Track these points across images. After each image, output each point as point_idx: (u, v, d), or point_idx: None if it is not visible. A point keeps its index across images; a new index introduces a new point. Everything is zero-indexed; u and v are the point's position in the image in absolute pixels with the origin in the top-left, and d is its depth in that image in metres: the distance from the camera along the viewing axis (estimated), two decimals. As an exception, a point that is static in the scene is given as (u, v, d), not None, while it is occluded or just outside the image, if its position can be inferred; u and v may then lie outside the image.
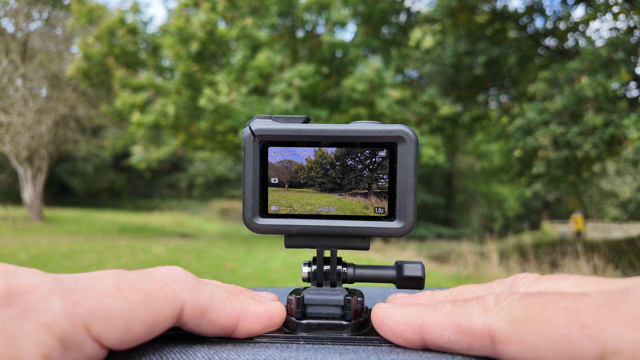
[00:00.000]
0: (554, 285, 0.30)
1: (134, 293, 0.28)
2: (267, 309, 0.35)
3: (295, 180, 0.39)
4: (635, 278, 0.27)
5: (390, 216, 0.38)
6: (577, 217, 14.11)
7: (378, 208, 0.38)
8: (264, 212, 0.39)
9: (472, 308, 0.28)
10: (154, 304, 0.28)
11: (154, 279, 0.30)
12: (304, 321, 0.35)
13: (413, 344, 0.31)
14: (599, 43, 8.58)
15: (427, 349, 0.31)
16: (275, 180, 0.39)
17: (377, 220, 0.38)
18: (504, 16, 10.04)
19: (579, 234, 13.65)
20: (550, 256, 6.61)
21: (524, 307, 0.25)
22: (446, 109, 11.40)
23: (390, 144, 0.37)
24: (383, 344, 0.33)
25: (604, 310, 0.22)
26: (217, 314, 0.32)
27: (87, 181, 24.53)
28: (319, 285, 0.40)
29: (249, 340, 0.33)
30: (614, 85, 7.47)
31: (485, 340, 0.26)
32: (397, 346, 0.32)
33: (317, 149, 0.38)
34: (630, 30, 7.74)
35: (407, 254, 8.76)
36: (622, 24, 8.07)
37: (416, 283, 0.40)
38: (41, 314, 0.24)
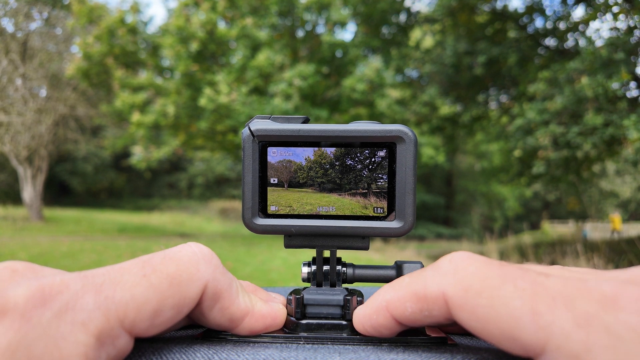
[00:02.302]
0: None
1: (161, 279, 0.28)
2: (272, 309, 0.35)
3: (295, 181, 0.39)
4: (596, 272, 0.26)
5: (390, 216, 0.38)
6: (615, 217, 14.13)
7: (377, 208, 0.38)
8: (264, 212, 0.39)
9: (427, 274, 0.28)
10: (180, 287, 0.28)
11: (178, 261, 0.29)
12: (304, 321, 0.35)
13: (392, 328, 0.31)
14: (599, 43, 8.58)
15: (408, 329, 0.32)
16: (274, 181, 0.39)
17: (377, 220, 0.38)
18: (504, 16, 10.04)
19: (615, 233, 13.68)
20: (550, 256, 6.61)
21: (481, 278, 0.24)
22: (446, 109, 11.41)
23: (390, 144, 0.37)
24: (383, 344, 0.33)
25: (559, 302, 0.21)
26: (230, 303, 0.32)
27: (87, 181, 24.53)
28: (319, 285, 0.40)
29: (249, 340, 0.33)
30: (614, 85, 7.47)
31: (442, 305, 0.26)
32: (397, 346, 0.32)
33: (316, 149, 0.38)
34: (630, 30, 7.74)
35: (407, 253, 8.76)
36: (622, 24, 8.08)
37: None
38: (76, 312, 0.24)
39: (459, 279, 0.25)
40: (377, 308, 0.31)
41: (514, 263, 0.25)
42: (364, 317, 0.32)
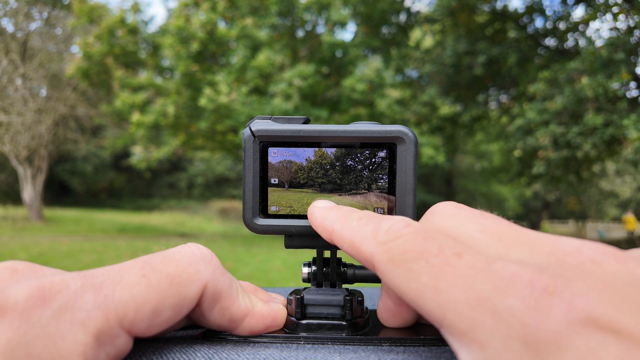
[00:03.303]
0: (463, 225, 0.29)
1: (160, 279, 0.28)
2: (272, 310, 0.35)
3: (295, 181, 0.39)
4: (537, 238, 0.26)
5: (390, 216, 0.38)
6: (629, 218, 13.98)
7: (378, 208, 0.38)
8: (264, 213, 0.39)
9: (367, 231, 0.29)
10: (180, 287, 0.28)
11: (178, 261, 0.30)
12: (304, 321, 0.35)
13: (330, 243, 0.33)
14: (599, 43, 8.59)
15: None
16: (275, 181, 0.39)
17: None
18: (504, 16, 10.04)
19: (629, 233, 13.55)
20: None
21: (404, 249, 0.26)
22: (446, 109, 11.41)
23: (390, 145, 0.37)
24: (383, 344, 0.33)
25: (459, 282, 0.22)
26: (230, 303, 0.32)
27: (87, 181, 24.54)
28: (319, 285, 0.40)
29: (249, 340, 0.34)
30: (614, 85, 7.47)
31: (369, 263, 0.28)
32: (397, 346, 0.32)
33: (316, 149, 0.38)
34: (630, 30, 7.75)
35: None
36: (622, 24, 8.08)
37: None
38: (75, 312, 0.24)
39: (387, 248, 0.27)
40: (324, 227, 0.33)
41: (443, 237, 0.26)
42: (313, 218, 0.35)
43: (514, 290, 0.20)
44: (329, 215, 0.33)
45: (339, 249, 0.32)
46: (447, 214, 0.31)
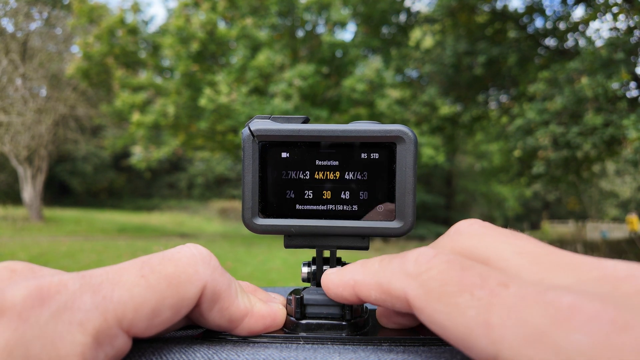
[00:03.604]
0: (495, 246, 0.28)
1: (159, 279, 0.28)
2: (271, 310, 0.35)
3: (295, 180, 0.39)
4: (579, 261, 0.25)
5: (390, 216, 0.38)
6: (632, 218, 13.88)
7: (379, 206, 0.38)
8: (264, 213, 0.39)
9: (393, 268, 0.28)
10: (179, 288, 0.28)
11: (177, 262, 0.29)
12: (304, 321, 0.35)
13: (354, 302, 0.32)
14: (599, 43, 8.58)
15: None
16: (274, 181, 0.39)
17: (377, 220, 0.38)
18: (504, 16, 10.04)
19: (633, 233, 13.44)
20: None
21: (442, 282, 0.24)
22: (446, 109, 11.41)
23: (390, 144, 0.37)
24: (383, 344, 0.33)
25: (513, 315, 0.21)
26: (229, 304, 0.32)
27: (86, 181, 24.53)
28: (319, 285, 0.40)
29: (248, 340, 0.34)
30: (614, 85, 7.47)
31: (404, 302, 0.27)
32: (396, 346, 0.32)
33: (316, 148, 0.38)
34: (630, 30, 7.75)
35: (407, 254, 8.74)
36: (622, 24, 8.08)
37: None
38: (74, 312, 0.24)
39: (421, 282, 0.25)
40: (345, 283, 0.32)
41: (479, 265, 0.25)
42: (331, 284, 0.33)
43: (577, 324, 0.19)
44: (345, 272, 0.32)
45: (369, 302, 0.30)
46: (474, 234, 0.30)
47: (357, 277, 0.31)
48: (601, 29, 12.06)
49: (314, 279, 0.40)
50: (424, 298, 0.25)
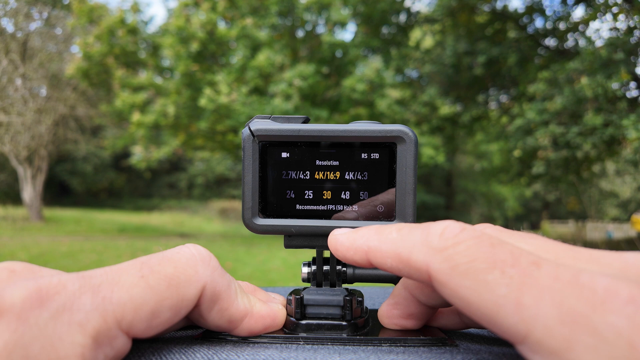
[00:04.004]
0: (514, 243, 0.27)
1: (159, 280, 0.28)
2: (271, 310, 0.35)
3: (295, 180, 0.39)
4: (598, 255, 0.25)
5: (390, 216, 0.38)
6: (637, 218, 13.78)
7: (379, 206, 0.38)
8: (264, 213, 0.39)
9: (415, 239, 0.27)
10: (178, 289, 0.28)
11: (176, 262, 0.29)
12: (304, 321, 0.35)
13: (364, 266, 0.31)
14: (598, 43, 8.58)
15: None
16: (274, 181, 0.39)
17: (377, 220, 0.38)
18: (504, 16, 10.04)
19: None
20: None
21: (471, 257, 0.24)
22: (446, 109, 11.40)
23: (390, 144, 0.37)
24: (383, 344, 0.33)
25: (546, 296, 0.21)
26: (229, 304, 0.32)
27: (86, 181, 24.53)
28: (319, 285, 0.40)
29: (248, 340, 0.33)
30: (614, 85, 7.47)
31: (423, 274, 0.26)
32: (396, 346, 0.32)
33: (316, 148, 0.38)
34: (630, 30, 7.74)
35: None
36: (621, 24, 8.08)
37: None
38: (73, 313, 0.24)
39: (447, 256, 0.25)
40: (357, 248, 0.31)
41: (509, 243, 0.25)
42: (342, 247, 0.32)
43: (615, 307, 0.19)
44: (358, 235, 0.31)
45: (380, 269, 0.30)
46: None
47: (371, 243, 0.30)
48: (601, 29, 12.08)
49: (314, 279, 0.40)
50: (449, 272, 0.24)
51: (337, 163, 0.38)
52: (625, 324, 0.18)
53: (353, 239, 0.31)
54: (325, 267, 0.40)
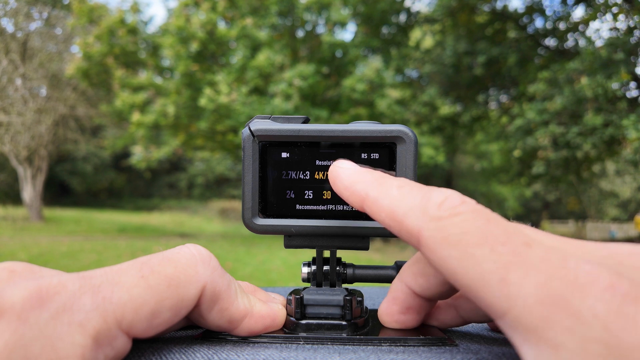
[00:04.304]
0: None
1: (159, 280, 0.28)
2: (271, 310, 0.35)
3: (295, 180, 0.39)
4: (588, 245, 0.26)
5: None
6: None
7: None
8: (264, 213, 0.39)
9: (413, 202, 0.27)
10: (178, 289, 0.28)
11: (176, 262, 0.29)
12: (304, 321, 0.35)
13: (358, 209, 0.31)
14: (598, 43, 8.59)
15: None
16: (274, 181, 0.39)
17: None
18: (504, 16, 10.05)
19: None
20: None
21: (463, 229, 0.24)
22: (446, 109, 11.41)
23: (390, 144, 0.37)
24: (383, 344, 0.33)
25: (531, 276, 0.21)
26: (229, 304, 0.32)
27: (86, 181, 24.54)
28: (319, 285, 0.40)
29: (248, 340, 0.33)
30: (614, 85, 7.47)
31: (413, 238, 0.26)
32: (396, 346, 0.32)
33: (316, 149, 0.38)
34: (630, 30, 7.75)
35: (407, 253, 8.77)
36: (621, 24, 8.08)
37: None
38: (73, 313, 0.24)
39: (440, 226, 0.25)
40: (355, 192, 0.30)
41: (505, 221, 0.25)
42: (340, 184, 0.32)
43: (594, 292, 0.20)
44: (360, 178, 0.31)
45: (373, 218, 0.30)
46: None
47: (370, 192, 0.29)
48: (601, 29, 12.08)
49: (314, 279, 0.40)
50: (439, 241, 0.24)
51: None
52: (602, 308, 0.19)
53: (354, 181, 0.31)
54: (325, 267, 0.40)
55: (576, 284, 0.20)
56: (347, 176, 0.31)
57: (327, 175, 0.38)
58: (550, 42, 10.35)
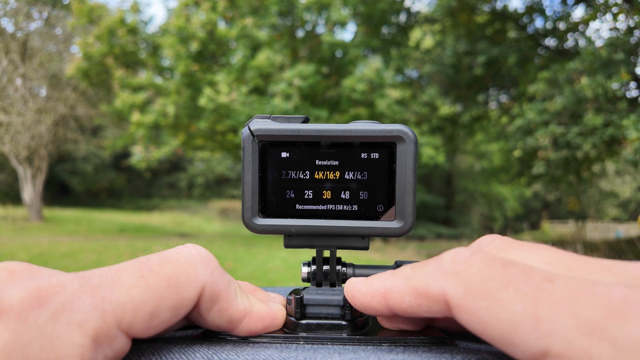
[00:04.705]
0: (523, 257, 0.28)
1: (158, 280, 0.28)
2: (271, 310, 0.35)
3: (295, 180, 0.39)
4: (611, 265, 0.25)
5: (390, 216, 0.38)
6: None
7: (379, 206, 0.38)
8: (263, 212, 0.39)
9: (428, 270, 0.27)
10: (178, 289, 0.28)
11: (176, 262, 0.29)
12: (304, 321, 0.35)
13: (383, 313, 0.31)
14: (598, 43, 8.58)
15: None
16: (274, 181, 0.39)
17: (377, 220, 0.38)
18: (504, 16, 10.04)
19: None
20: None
21: (484, 278, 0.24)
22: (446, 109, 11.40)
23: (390, 144, 0.37)
24: (383, 344, 0.33)
25: (562, 308, 0.20)
26: (228, 305, 0.32)
27: (86, 181, 24.53)
28: (319, 285, 0.40)
29: (248, 340, 0.33)
30: (614, 85, 7.47)
31: (442, 304, 0.26)
32: (396, 346, 0.32)
33: (316, 148, 0.38)
34: (630, 30, 7.74)
35: (407, 253, 8.77)
36: (621, 24, 8.08)
37: None
38: (73, 313, 0.24)
39: (461, 280, 0.25)
40: (374, 292, 0.31)
41: (520, 263, 0.25)
42: (358, 293, 0.32)
43: (631, 315, 0.19)
44: (374, 279, 0.31)
45: (400, 312, 0.29)
46: (499, 247, 0.30)
47: (387, 284, 0.30)
48: (601, 29, 12.06)
49: (314, 279, 0.40)
50: (465, 295, 0.24)
51: (336, 163, 0.38)
52: None
53: (370, 284, 0.31)
54: (325, 267, 0.40)
55: (611, 310, 0.19)
56: (362, 284, 0.32)
57: (327, 175, 0.38)
58: (550, 42, 10.35)
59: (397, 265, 0.42)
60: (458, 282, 0.25)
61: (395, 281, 0.29)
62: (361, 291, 0.32)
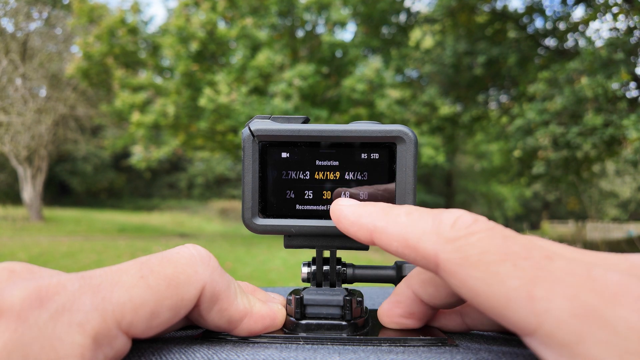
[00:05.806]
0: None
1: (158, 280, 0.28)
2: (271, 310, 0.35)
3: (295, 181, 0.39)
4: (604, 256, 0.25)
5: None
6: None
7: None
8: (264, 213, 0.39)
9: (425, 226, 0.27)
10: (178, 289, 0.28)
11: (176, 263, 0.29)
12: (304, 321, 0.35)
13: (366, 243, 0.31)
14: (598, 43, 8.58)
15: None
16: (274, 181, 0.39)
17: None
18: (504, 16, 10.04)
19: None
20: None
21: (482, 248, 0.24)
22: (446, 109, 11.40)
23: (390, 144, 0.37)
24: (383, 344, 0.33)
25: (559, 289, 0.21)
26: (228, 305, 0.32)
27: (86, 181, 24.53)
28: (319, 285, 0.40)
29: (248, 340, 0.33)
30: (614, 85, 7.47)
31: (430, 263, 0.26)
32: (396, 346, 0.32)
33: (316, 149, 0.38)
34: (630, 30, 7.75)
35: (407, 254, 8.73)
36: (621, 25, 8.08)
37: None
38: (73, 313, 0.24)
39: (458, 247, 0.25)
40: (362, 225, 0.30)
41: (521, 236, 0.25)
42: (345, 219, 0.31)
43: (626, 301, 0.19)
44: (364, 211, 0.30)
45: (385, 250, 0.29)
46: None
47: (378, 223, 0.29)
48: (601, 29, 12.07)
49: (314, 279, 0.40)
50: (459, 263, 0.24)
51: (337, 163, 0.38)
52: (637, 318, 0.19)
53: (359, 214, 0.31)
54: (325, 267, 0.40)
55: (606, 295, 0.20)
56: (351, 212, 0.31)
57: (327, 175, 0.38)
58: (550, 42, 10.35)
59: (397, 266, 0.42)
60: (454, 248, 0.25)
61: (387, 223, 0.29)
62: (348, 219, 0.31)
